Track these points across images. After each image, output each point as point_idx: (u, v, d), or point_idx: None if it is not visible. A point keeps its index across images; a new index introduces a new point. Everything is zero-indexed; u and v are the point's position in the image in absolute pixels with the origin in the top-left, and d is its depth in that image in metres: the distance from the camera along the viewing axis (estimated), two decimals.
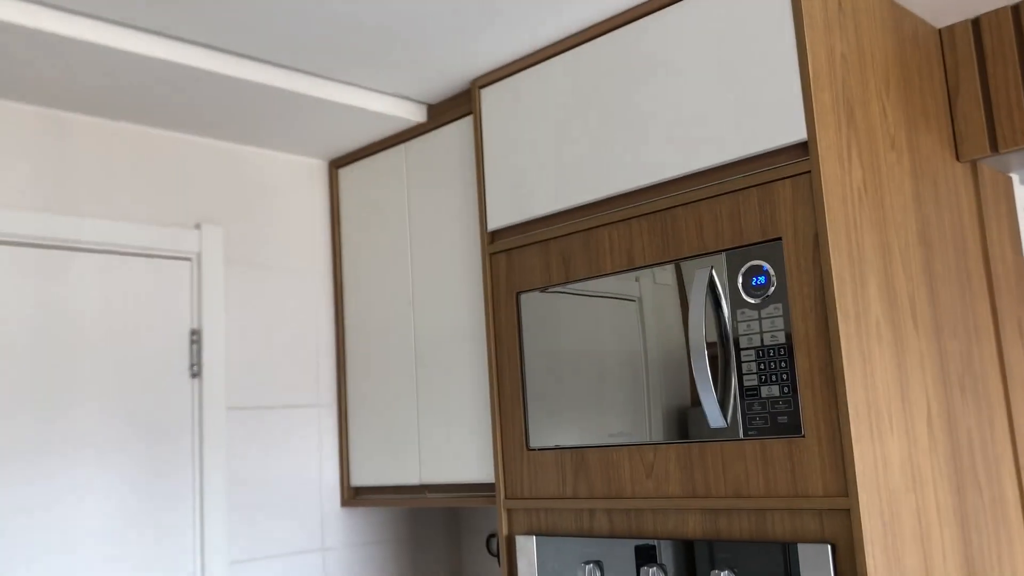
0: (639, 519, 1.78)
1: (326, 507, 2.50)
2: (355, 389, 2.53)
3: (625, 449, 1.81)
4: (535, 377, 1.99)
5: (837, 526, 1.50)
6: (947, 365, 1.79)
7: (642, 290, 1.82)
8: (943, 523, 1.65)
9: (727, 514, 1.64)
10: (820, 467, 1.52)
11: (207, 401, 2.27)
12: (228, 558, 2.27)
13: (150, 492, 2.18)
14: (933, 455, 1.67)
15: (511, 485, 2.02)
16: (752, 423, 1.62)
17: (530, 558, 1.95)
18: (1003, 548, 1.82)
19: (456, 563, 2.79)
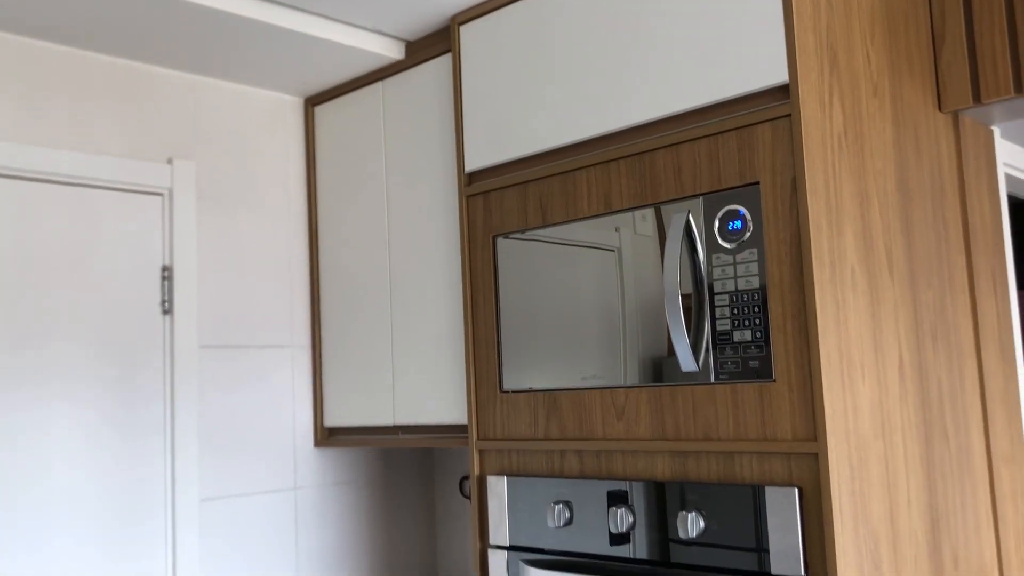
0: (609, 460, 1.79)
1: (299, 447, 2.50)
2: (329, 330, 2.52)
3: (597, 392, 1.81)
4: (510, 321, 1.98)
5: (805, 470, 1.51)
6: (920, 315, 1.79)
7: (622, 240, 1.80)
8: (910, 471, 1.67)
9: (696, 457, 1.65)
10: (790, 412, 1.53)
11: (179, 338, 2.25)
12: (198, 495, 2.27)
13: (120, 428, 2.17)
14: (903, 403, 1.68)
15: (483, 426, 2.02)
16: (724, 367, 1.62)
17: (501, 498, 1.96)
18: (967, 497, 1.84)
19: (429, 504, 2.81)
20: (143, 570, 2.17)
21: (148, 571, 2.18)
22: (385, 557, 2.67)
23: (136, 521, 2.17)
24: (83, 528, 2.09)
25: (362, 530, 2.62)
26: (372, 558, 2.64)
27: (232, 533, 2.33)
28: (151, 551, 2.19)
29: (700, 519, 1.62)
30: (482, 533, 2.02)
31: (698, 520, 1.61)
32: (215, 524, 2.30)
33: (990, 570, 1.88)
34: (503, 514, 1.96)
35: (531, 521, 1.90)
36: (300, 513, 2.48)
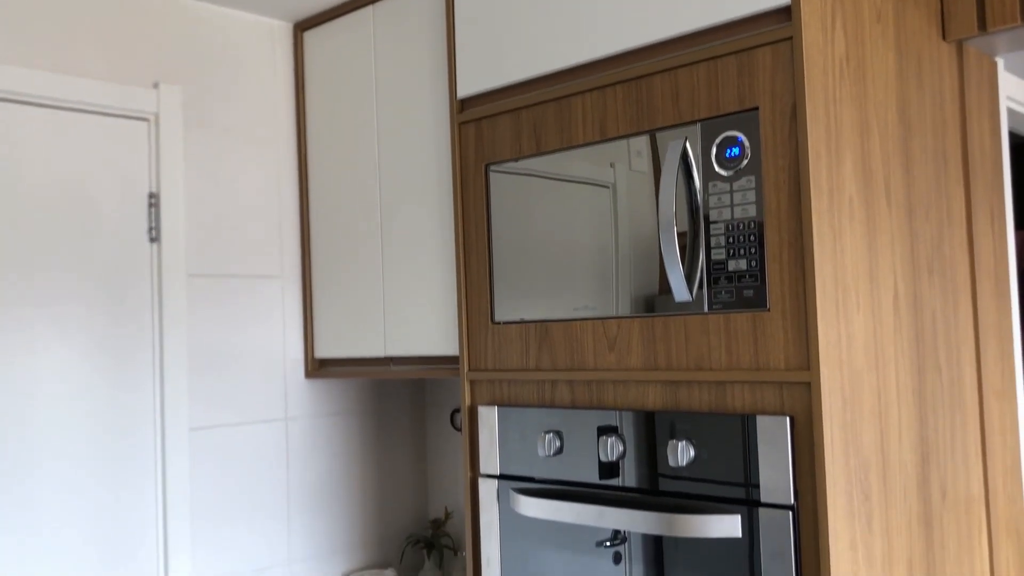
0: (600, 391, 1.78)
1: (290, 378, 2.49)
2: (319, 261, 2.49)
3: (589, 323, 1.79)
4: (502, 252, 1.96)
5: (797, 400, 1.50)
6: (917, 247, 1.77)
7: (616, 176, 1.77)
8: (902, 402, 1.67)
9: (688, 386, 1.64)
10: (783, 341, 1.51)
11: (167, 267, 2.22)
12: (188, 424, 2.26)
13: (109, 357, 2.15)
14: (897, 335, 1.67)
15: (475, 357, 2.01)
16: (717, 297, 1.60)
17: (491, 428, 1.96)
18: (957, 431, 1.85)
19: (420, 436, 2.82)
20: (133, 497, 2.18)
21: (138, 499, 2.18)
22: (376, 487, 2.69)
23: (125, 449, 2.17)
24: (72, 457, 2.08)
25: (353, 460, 2.63)
26: (363, 488, 2.65)
27: (223, 462, 2.33)
28: (141, 479, 2.19)
29: (690, 448, 1.61)
30: (472, 462, 2.02)
31: (688, 449, 1.61)
32: (205, 453, 2.30)
33: (977, 503, 1.89)
34: (493, 444, 1.95)
35: (521, 451, 1.90)
36: (291, 443, 2.48)
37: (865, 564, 1.53)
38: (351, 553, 2.61)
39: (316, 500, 2.54)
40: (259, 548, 2.40)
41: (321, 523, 2.54)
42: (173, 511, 2.21)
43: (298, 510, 2.49)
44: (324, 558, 2.54)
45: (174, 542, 2.22)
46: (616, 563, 1.76)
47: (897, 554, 1.61)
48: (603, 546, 1.78)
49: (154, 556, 2.20)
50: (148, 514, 2.20)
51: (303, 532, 2.50)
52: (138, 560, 2.18)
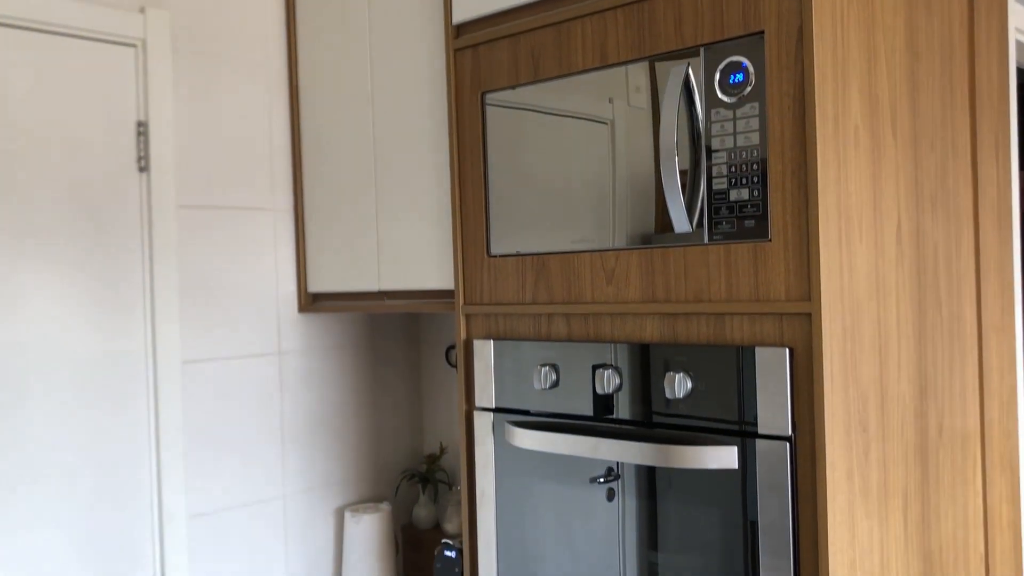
0: (597, 324, 1.76)
1: (282, 312, 2.46)
2: (311, 193, 2.45)
3: (587, 255, 1.76)
4: (498, 184, 1.92)
5: (797, 331, 1.48)
6: (921, 179, 1.74)
7: (615, 113, 1.72)
8: (901, 335, 1.65)
9: (686, 319, 1.62)
10: (784, 272, 1.49)
11: (156, 197, 2.18)
12: (181, 357, 2.24)
13: (98, 289, 2.12)
14: (899, 267, 1.65)
15: (470, 291, 1.98)
16: (718, 228, 1.57)
17: (487, 361, 1.94)
18: (955, 365, 1.83)
19: (415, 372, 2.81)
20: (126, 431, 2.16)
21: (131, 432, 2.17)
22: (371, 422, 2.68)
23: (117, 382, 2.15)
24: (63, 391, 2.06)
25: (348, 395, 2.62)
26: (358, 423, 2.65)
27: (216, 396, 2.32)
28: (133, 412, 2.17)
29: (687, 380, 1.60)
30: (468, 396, 2.01)
31: (685, 381, 1.60)
32: (198, 387, 2.28)
33: (973, 438, 1.88)
34: (489, 377, 1.94)
35: (517, 384, 1.89)
36: (285, 377, 2.46)
37: (861, 495, 1.52)
38: (346, 487, 2.62)
39: (311, 434, 2.53)
40: (254, 481, 2.40)
41: (316, 457, 2.54)
42: (166, 444, 2.20)
43: (292, 444, 2.48)
44: (319, 492, 2.55)
45: (168, 475, 2.21)
46: (609, 500, 1.76)
47: (893, 486, 1.61)
48: (596, 482, 1.78)
49: (148, 489, 2.20)
50: (141, 447, 2.19)
51: (298, 466, 2.50)
52: (131, 493, 2.17)
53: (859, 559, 1.52)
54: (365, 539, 2.48)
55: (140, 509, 2.18)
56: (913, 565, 1.66)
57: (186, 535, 2.25)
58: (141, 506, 2.18)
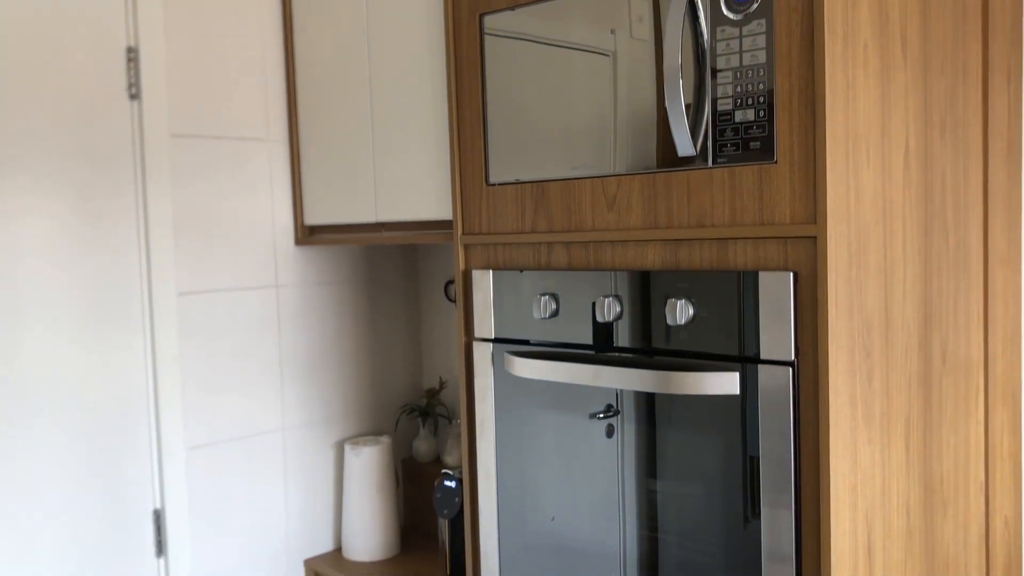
0: (598, 252, 1.73)
1: (279, 245, 2.43)
2: (307, 124, 2.40)
3: (588, 181, 1.73)
4: (497, 111, 1.87)
5: (802, 255, 1.45)
6: (931, 103, 1.69)
7: (617, 44, 1.67)
8: (907, 261, 1.62)
9: (688, 245, 1.59)
10: (790, 194, 1.46)
11: (148, 126, 2.14)
12: (176, 289, 2.22)
13: (91, 220, 2.09)
14: (906, 192, 1.61)
15: (469, 221, 1.95)
16: (723, 150, 1.53)
17: (486, 292, 1.92)
18: (960, 295, 1.81)
19: (413, 306, 2.79)
20: (121, 363, 2.15)
21: (127, 364, 2.16)
22: (370, 356, 2.67)
23: (112, 315, 2.13)
24: (57, 324, 2.04)
25: (346, 329, 2.61)
26: (357, 357, 2.64)
27: (212, 328, 2.30)
28: (129, 345, 2.16)
29: (690, 307, 1.58)
30: (467, 327, 1.99)
31: (687, 308, 1.57)
32: (194, 319, 2.26)
33: (976, 368, 1.87)
34: (488, 307, 1.92)
35: (516, 314, 1.86)
36: (282, 311, 2.44)
37: (864, 420, 1.51)
38: (345, 421, 2.61)
39: (309, 368, 2.52)
40: (252, 414, 2.39)
41: (314, 391, 2.53)
42: (163, 376, 2.19)
43: (291, 377, 2.47)
44: (318, 425, 2.54)
45: (165, 407, 2.20)
46: (609, 436, 1.75)
47: (896, 413, 1.59)
48: (596, 418, 1.76)
49: (146, 421, 2.19)
50: (138, 379, 2.17)
51: (296, 399, 2.49)
52: (130, 426, 2.17)
53: (860, 485, 1.51)
54: (365, 471, 2.48)
55: (138, 441, 2.18)
56: (914, 492, 1.66)
57: (185, 467, 2.25)
58: (139, 438, 2.18)
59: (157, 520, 2.20)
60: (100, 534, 2.12)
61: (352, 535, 2.49)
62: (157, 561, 2.21)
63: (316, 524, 2.54)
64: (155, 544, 2.21)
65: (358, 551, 2.48)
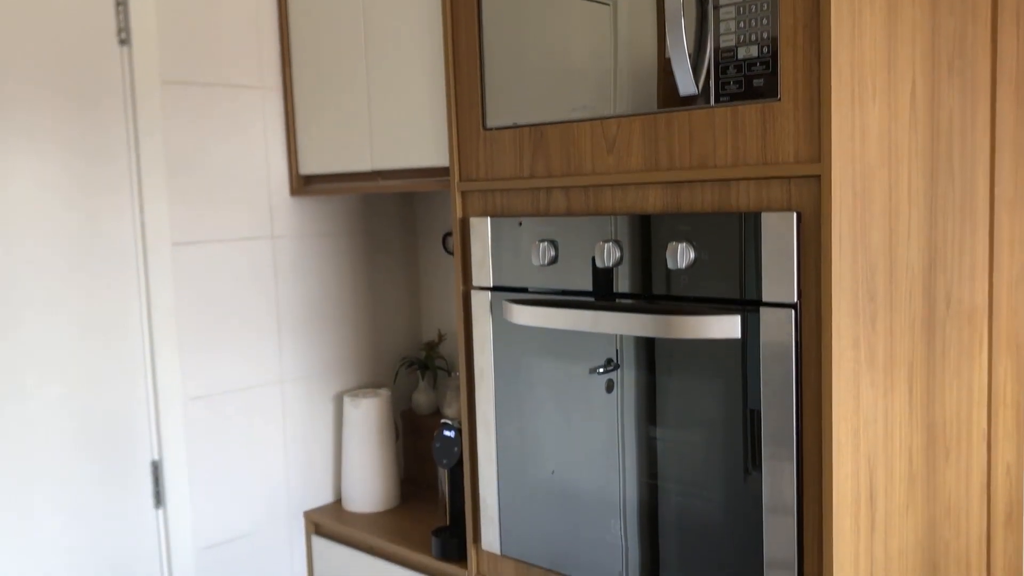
0: (597, 196, 1.70)
1: (274, 196, 2.40)
2: (301, 70, 2.36)
3: (587, 124, 1.69)
4: (494, 55, 1.83)
5: (806, 194, 1.42)
6: (939, 42, 1.65)
7: None
8: (912, 203, 1.59)
9: (690, 187, 1.56)
10: (794, 133, 1.42)
11: (139, 71, 2.09)
12: (171, 239, 2.19)
13: (82, 169, 2.05)
14: (912, 133, 1.58)
15: (466, 167, 1.92)
16: (725, 88, 1.49)
17: (484, 239, 1.89)
18: (966, 239, 1.78)
19: (411, 258, 2.76)
20: (117, 314, 2.13)
21: (123, 314, 2.14)
22: (368, 309, 2.65)
23: (106, 266, 2.10)
24: (51, 270, 2.02)
25: (344, 282, 2.58)
26: (355, 310, 2.62)
27: (208, 279, 2.28)
28: (124, 296, 2.13)
29: (691, 250, 1.55)
30: (465, 276, 1.96)
31: (688, 251, 1.55)
32: (189, 269, 2.24)
33: (980, 313, 1.85)
34: (486, 255, 1.89)
35: (515, 262, 1.84)
36: (279, 262, 2.42)
37: (867, 364, 1.49)
38: (344, 374, 2.60)
39: (306, 320, 2.50)
40: (250, 366, 2.38)
41: (312, 343, 2.51)
42: (159, 327, 2.17)
43: (288, 329, 2.46)
44: (317, 378, 2.53)
45: (162, 358, 2.19)
46: (608, 391, 1.73)
47: (899, 357, 1.57)
48: (596, 372, 1.75)
49: (142, 372, 2.17)
50: (134, 330, 2.15)
51: (294, 352, 2.47)
52: (126, 376, 2.15)
53: (863, 428, 1.49)
54: (364, 423, 2.47)
55: (135, 392, 2.16)
56: (916, 437, 1.64)
57: (183, 418, 2.23)
58: (136, 389, 2.16)
59: (155, 472, 2.20)
60: (98, 485, 2.11)
61: (352, 487, 2.49)
62: (156, 512, 2.21)
63: (316, 476, 2.54)
64: (153, 495, 2.20)
65: (358, 502, 2.48)
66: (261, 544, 2.41)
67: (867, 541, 1.53)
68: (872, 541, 1.54)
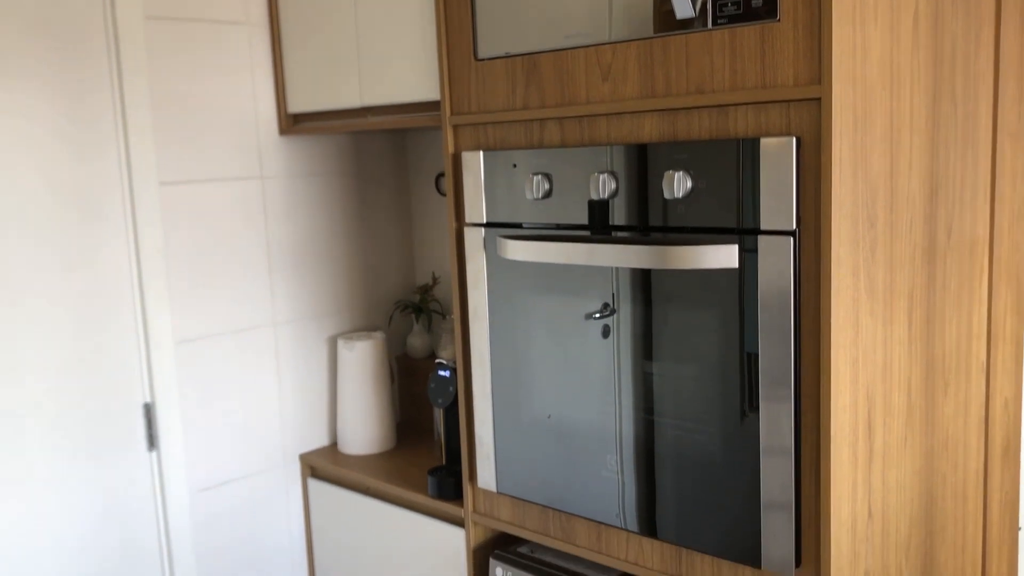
0: (592, 127, 1.66)
1: (262, 135, 2.35)
2: (287, 4, 2.30)
3: (581, 51, 1.65)
4: None
5: (805, 119, 1.38)
6: None
7: None
8: (914, 130, 1.55)
9: (687, 114, 1.52)
10: (793, 54, 1.38)
11: (120, 6, 2.04)
12: (157, 179, 2.15)
13: (65, 108, 2.00)
14: (914, 57, 1.54)
15: (457, 100, 1.87)
16: (723, 10, 1.45)
17: (476, 174, 1.85)
18: (968, 169, 1.75)
19: (404, 200, 2.72)
20: (104, 254, 2.09)
21: (110, 255, 2.10)
22: (360, 252, 2.62)
23: (92, 206, 2.06)
24: (37, 211, 1.98)
25: (335, 224, 2.55)
26: (348, 253, 2.58)
27: (197, 221, 2.24)
28: (111, 237, 2.10)
29: (688, 179, 1.51)
30: (458, 212, 1.93)
31: (685, 180, 1.51)
32: (177, 210, 2.20)
33: (981, 245, 1.82)
34: (479, 191, 1.85)
35: (509, 197, 1.80)
36: (269, 203, 2.38)
37: (867, 293, 1.47)
38: (338, 317, 2.57)
39: (298, 263, 2.47)
40: (241, 309, 2.35)
41: (304, 286, 2.48)
42: (148, 269, 2.14)
43: (280, 272, 2.42)
44: (310, 321, 2.51)
45: (151, 301, 2.16)
46: (605, 336, 1.70)
47: (898, 287, 1.55)
48: (592, 318, 1.72)
49: (131, 314, 2.15)
50: (122, 272, 2.12)
51: (286, 295, 2.44)
52: (115, 318, 2.12)
53: (862, 358, 1.47)
54: (359, 366, 2.45)
55: (125, 334, 2.14)
56: (916, 369, 1.62)
57: (174, 360, 2.21)
58: (126, 331, 2.14)
59: (147, 414, 2.18)
60: (90, 427, 2.09)
61: (347, 429, 2.48)
62: (149, 455, 2.20)
63: (311, 419, 2.53)
64: (146, 438, 2.19)
65: (354, 445, 2.48)
66: (257, 487, 2.41)
67: (865, 472, 1.52)
68: (870, 472, 1.53)
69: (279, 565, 2.47)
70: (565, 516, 1.83)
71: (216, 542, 2.33)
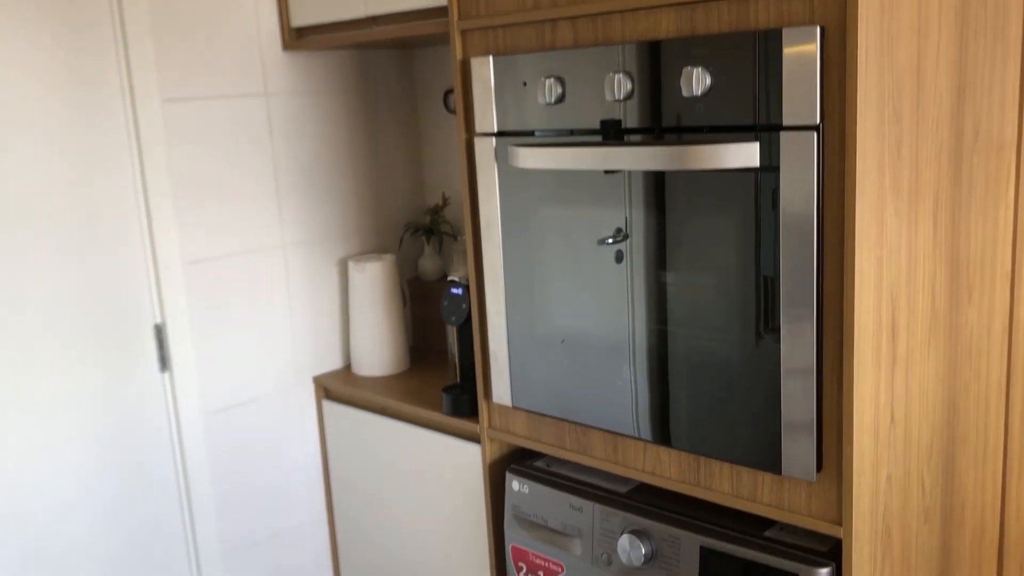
0: (606, 25, 1.60)
1: (266, 50, 2.29)
2: None
3: None
4: None
5: (829, 7, 1.32)
6: None
7: None
8: (943, 23, 1.49)
9: (705, 7, 1.46)
10: None
11: None
12: (160, 96, 2.10)
13: (64, 31, 1.95)
14: None
15: (465, 3, 1.81)
16: None
17: (486, 82, 1.79)
18: (997, 68, 1.68)
19: (412, 121, 2.67)
20: (108, 174, 2.06)
21: (115, 175, 2.07)
22: (369, 173, 2.57)
23: (93, 124, 2.02)
24: (37, 131, 1.94)
25: (343, 143, 2.50)
26: (356, 173, 2.54)
27: (202, 139, 2.19)
28: (115, 156, 2.06)
29: (707, 75, 1.46)
30: (468, 123, 1.88)
31: (704, 76, 1.46)
32: (181, 128, 2.15)
33: (1009, 149, 1.76)
34: (489, 98, 1.80)
35: (520, 105, 1.75)
36: (274, 121, 2.33)
37: (892, 190, 1.42)
38: (348, 239, 2.54)
39: (306, 184, 2.42)
40: (250, 230, 2.32)
41: (313, 207, 2.45)
42: (153, 188, 2.10)
43: (288, 193, 2.38)
44: (318, 243, 2.47)
45: (158, 220, 2.12)
46: (618, 262, 1.66)
47: (924, 185, 1.50)
48: (605, 243, 1.68)
49: (138, 235, 2.12)
50: (127, 191, 2.09)
51: (294, 216, 2.41)
52: (122, 239, 2.09)
53: (886, 258, 1.43)
54: (370, 288, 2.43)
55: (133, 254, 2.11)
56: (940, 273, 1.58)
57: (184, 281, 2.19)
58: (134, 251, 2.11)
59: (159, 335, 2.17)
60: (101, 349, 2.08)
61: (361, 351, 2.46)
62: (162, 376, 2.19)
63: (324, 342, 2.51)
64: (159, 359, 2.17)
65: (367, 367, 2.46)
66: (271, 408, 2.40)
67: (888, 377, 1.49)
68: (894, 377, 1.50)
69: (295, 485, 2.48)
70: (580, 428, 1.82)
71: (232, 464, 2.34)
